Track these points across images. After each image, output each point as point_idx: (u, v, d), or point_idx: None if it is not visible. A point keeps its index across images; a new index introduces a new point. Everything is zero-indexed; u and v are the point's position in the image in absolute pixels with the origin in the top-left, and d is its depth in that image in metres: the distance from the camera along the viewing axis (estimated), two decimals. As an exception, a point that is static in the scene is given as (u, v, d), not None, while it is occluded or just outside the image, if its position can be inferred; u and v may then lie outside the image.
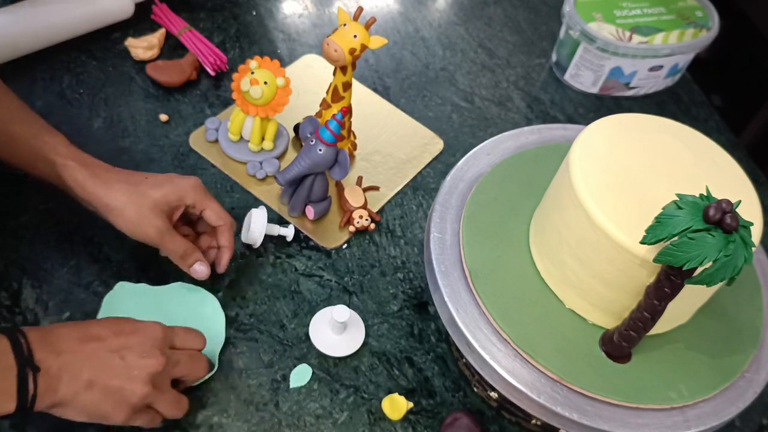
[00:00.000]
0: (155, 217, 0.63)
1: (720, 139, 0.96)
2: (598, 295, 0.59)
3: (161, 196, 0.64)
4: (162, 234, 0.64)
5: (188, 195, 0.66)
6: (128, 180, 0.64)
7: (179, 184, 0.66)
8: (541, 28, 1.07)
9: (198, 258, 0.67)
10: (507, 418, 0.67)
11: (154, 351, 0.57)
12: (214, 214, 0.68)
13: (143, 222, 0.63)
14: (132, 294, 0.69)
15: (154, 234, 0.64)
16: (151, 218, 0.63)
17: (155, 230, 0.64)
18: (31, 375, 0.51)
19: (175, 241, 0.65)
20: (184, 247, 0.66)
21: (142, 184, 0.64)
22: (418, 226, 0.80)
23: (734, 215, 0.49)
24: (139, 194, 0.63)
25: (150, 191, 0.64)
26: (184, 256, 0.66)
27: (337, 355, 0.67)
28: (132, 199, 0.63)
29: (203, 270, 0.67)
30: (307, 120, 0.73)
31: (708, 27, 0.96)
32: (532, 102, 0.96)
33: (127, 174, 0.66)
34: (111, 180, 0.64)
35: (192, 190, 0.66)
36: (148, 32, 0.92)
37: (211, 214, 0.68)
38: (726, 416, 0.59)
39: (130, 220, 0.63)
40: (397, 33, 1.02)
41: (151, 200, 0.63)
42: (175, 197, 0.65)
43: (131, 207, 0.63)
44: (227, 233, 0.69)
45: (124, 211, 0.63)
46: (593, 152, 0.59)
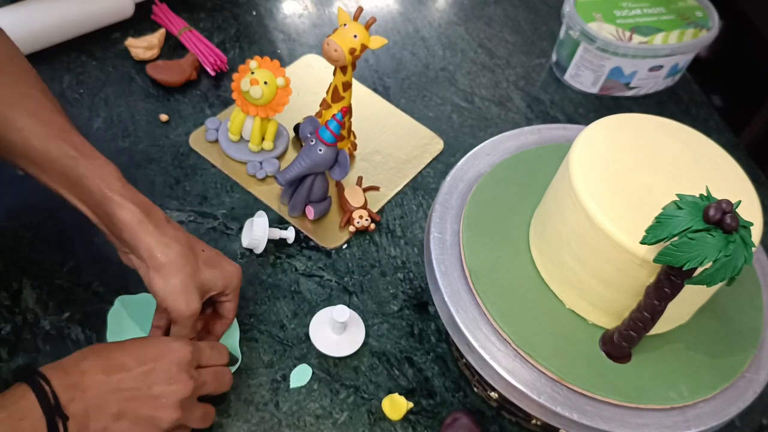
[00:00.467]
0: (196, 296, 0.58)
1: (720, 139, 0.96)
2: (598, 295, 0.59)
3: (210, 279, 0.60)
4: (192, 316, 0.59)
5: (231, 286, 0.62)
6: (188, 245, 0.59)
7: (229, 273, 0.62)
8: (541, 28, 1.07)
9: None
10: (507, 418, 0.67)
11: (181, 375, 0.55)
12: (232, 309, 0.65)
13: (184, 296, 0.58)
14: (134, 306, 0.68)
15: (186, 312, 0.58)
16: (191, 295, 0.58)
17: (189, 310, 0.58)
18: (61, 424, 0.50)
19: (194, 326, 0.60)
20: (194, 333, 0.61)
21: (198, 256, 0.60)
22: (418, 226, 0.80)
23: (734, 215, 0.49)
24: (193, 266, 0.58)
25: (203, 268, 0.59)
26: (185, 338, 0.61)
27: (337, 355, 0.67)
28: (185, 269, 0.58)
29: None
30: (307, 120, 0.73)
31: (708, 27, 0.96)
32: (532, 102, 0.96)
33: (186, 236, 0.60)
34: (171, 236, 0.58)
35: (237, 282, 0.63)
36: (148, 32, 0.92)
37: (231, 308, 0.64)
38: (726, 416, 0.59)
39: (172, 288, 0.57)
40: (397, 33, 1.02)
41: (200, 279, 0.59)
42: (221, 285, 0.61)
43: (181, 276, 0.57)
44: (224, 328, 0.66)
45: (172, 277, 0.57)
46: (593, 152, 0.59)
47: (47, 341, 0.65)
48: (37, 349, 0.65)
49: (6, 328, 0.66)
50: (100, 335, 0.66)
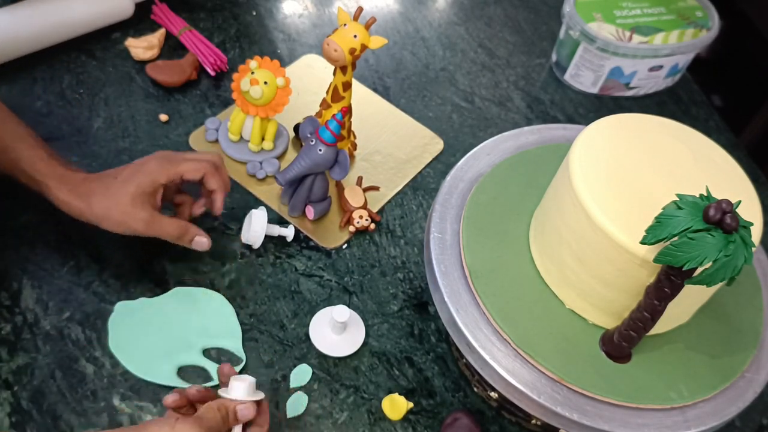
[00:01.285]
0: (138, 210, 0.64)
1: (720, 139, 0.96)
2: (598, 295, 0.59)
3: (135, 189, 0.64)
4: (150, 224, 0.65)
5: (159, 175, 0.66)
6: (102, 185, 0.65)
7: (145, 170, 0.65)
8: (541, 28, 1.07)
9: (195, 232, 0.68)
10: (507, 418, 0.67)
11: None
12: (190, 171, 0.67)
13: (129, 220, 0.64)
14: (134, 311, 0.68)
15: (142, 227, 0.65)
16: (134, 214, 0.64)
17: (143, 223, 0.65)
18: None
19: (165, 225, 0.66)
20: (178, 228, 0.67)
21: (113, 185, 0.65)
22: (418, 226, 0.80)
23: (734, 215, 0.49)
24: (115, 195, 0.64)
25: (123, 188, 0.64)
26: (180, 237, 0.67)
27: (337, 355, 0.67)
28: (111, 204, 0.64)
29: (204, 241, 0.68)
30: (307, 120, 0.73)
31: (708, 27, 0.96)
32: (532, 102, 0.96)
33: (99, 180, 0.66)
34: (88, 192, 0.65)
35: (158, 168, 0.66)
36: (148, 32, 0.92)
37: (188, 172, 0.67)
38: (726, 416, 0.59)
39: (117, 223, 0.65)
40: (397, 33, 1.02)
41: (128, 197, 0.64)
42: (148, 184, 0.65)
43: (114, 211, 0.64)
44: (212, 177, 0.68)
45: (110, 217, 0.64)
46: (593, 152, 0.59)
47: (47, 341, 0.65)
48: (37, 349, 0.65)
49: (6, 328, 0.66)
50: (100, 335, 0.67)
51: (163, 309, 0.69)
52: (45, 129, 0.80)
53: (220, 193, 0.69)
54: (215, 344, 0.67)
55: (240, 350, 0.67)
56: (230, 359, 0.67)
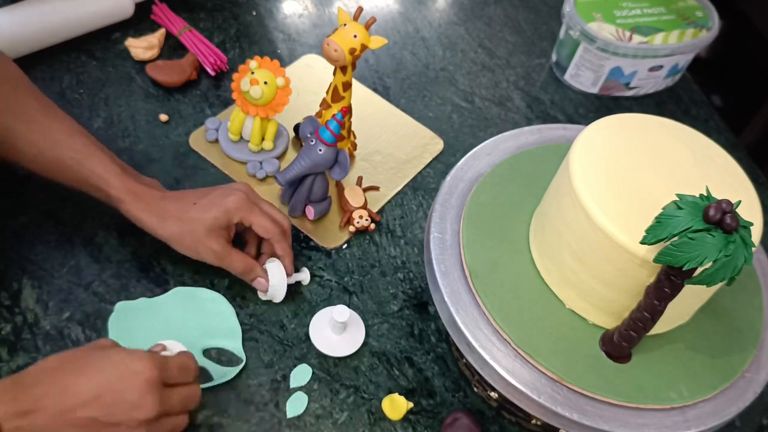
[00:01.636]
0: (211, 241, 0.66)
1: (720, 139, 0.96)
2: (598, 295, 0.59)
3: (212, 222, 0.65)
4: (220, 257, 0.66)
5: (234, 215, 0.66)
6: (179, 209, 0.66)
7: (224, 205, 0.66)
8: (541, 28, 1.07)
9: (258, 274, 0.68)
10: (507, 418, 0.67)
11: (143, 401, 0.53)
12: (261, 228, 0.68)
13: (201, 249, 0.66)
14: (134, 311, 0.68)
15: (213, 258, 0.66)
16: (207, 243, 0.66)
17: (213, 255, 0.66)
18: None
19: (234, 260, 0.67)
20: (243, 266, 0.67)
21: (190, 211, 0.66)
22: (418, 226, 0.80)
23: (734, 215, 0.49)
24: (191, 222, 0.65)
25: (200, 218, 0.65)
26: (244, 273, 0.68)
27: (337, 355, 0.67)
28: (185, 229, 0.65)
29: (264, 283, 0.68)
30: (307, 120, 0.73)
31: (708, 27, 0.96)
32: (532, 102, 0.96)
33: (177, 201, 0.67)
34: (163, 213, 0.66)
35: (236, 209, 0.66)
36: (148, 32, 0.92)
37: (258, 228, 0.68)
38: (726, 416, 0.59)
39: (188, 248, 0.66)
40: (397, 33, 1.02)
41: (203, 227, 0.65)
42: (225, 219, 0.66)
43: (187, 237, 0.66)
44: (279, 243, 0.68)
45: (182, 241, 0.66)
46: (593, 152, 0.59)
47: (47, 341, 0.65)
48: (37, 349, 0.65)
49: (6, 328, 0.66)
50: (100, 335, 0.66)
51: (163, 309, 0.69)
52: (45, 129, 0.80)
53: (287, 259, 0.69)
54: (216, 344, 0.67)
55: (240, 350, 0.67)
56: (230, 359, 0.67)
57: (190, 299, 0.70)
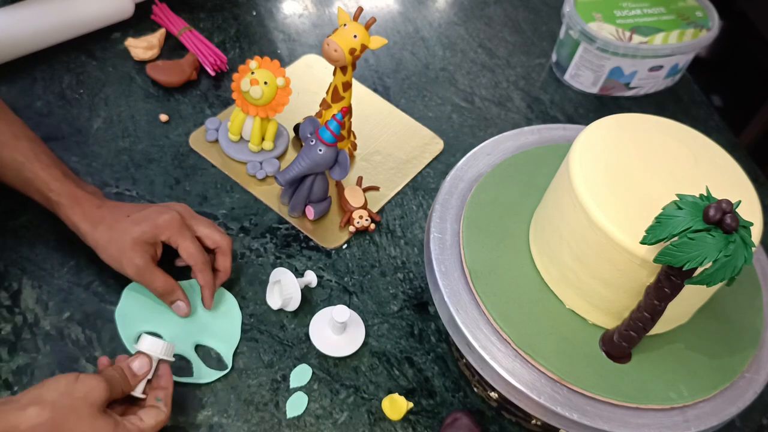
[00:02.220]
0: (135, 255, 0.64)
1: (720, 139, 0.95)
2: (598, 295, 0.59)
3: (139, 235, 0.65)
4: (141, 272, 0.65)
5: (163, 232, 0.66)
6: (112, 218, 0.66)
7: (155, 221, 0.65)
8: (541, 28, 1.07)
9: (179, 297, 0.67)
10: (507, 418, 0.67)
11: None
12: (184, 252, 0.67)
13: (123, 260, 0.65)
14: (142, 300, 0.69)
15: (133, 272, 0.65)
16: (130, 256, 0.64)
17: (134, 269, 0.65)
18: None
19: (155, 279, 0.66)
20: (164, 286, 0.66)
21: (122, 222, 0.66)
22: (418, 226, 0.80)
23: (734, 215, 0.49)
24: (120, 232, 0.65)
25: (130, 229, 0.65)
26: (163, 294, 0.67)
27: (337, 355, 0.67)
28: (113, 237, 0.65)
29: (183, 307, 0.67)
30: (307, 120, 0.73)
31: (708, 27, 0.96)
32: (532, 102, 0.96)
33: (112, 211, 0.67)
34: (97, 219, 0.66)
35: (167, 226, 0.66)
36: (148, 32, 0.92)
37: (182, 251, 0.67)
38: (726, 416, 0.59)
39: (112, 258, 0.65)
40: (397, 33, 1.02)
41: (129, 239, 0.65)
42: (151, 234, 0.65)
43: (113, 246, 0.65)
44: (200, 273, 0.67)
45: (108, 249, 0.65)
46: (593, 152, 0.59)
47: (47, 341, 0.65)
48: (37, 349, 0.65)
49: (6, 328, 0.66)
50: (100, 335, 0.67)
51: None
52: (45, 129, 0.80)
53: (206, 290, 0.68)
54: (209, 343, 0.67)
55: (229, 358, 0.67)
56: (217, 363, 0.66)
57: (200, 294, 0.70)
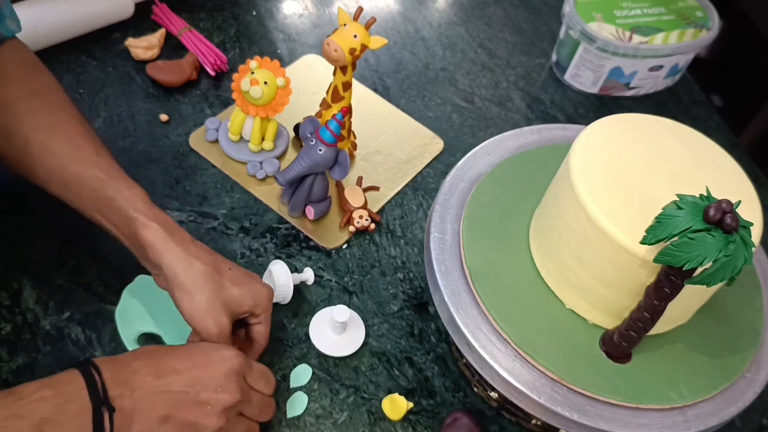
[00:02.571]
0: (223, 314, 0.59)
1: (720, 139, 0.95)
2: (598, 295, 0.59)
3: (238, 296, 0.60)
4: (222, 334, 0.59)
5: (261, 305, 0.62)
6: (212, 263, 0.60)
7: (258, 291, 0.61)
8: (541, 28, 1.07)
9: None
10: (507, 418, 0.67)
11: (229, 384, 0.54)
12: (264, 333, 0.64)
13: (210, 315, 0.58)
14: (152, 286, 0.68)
15: (214, 331, 0.58)
16: (219, 314, 0.58)
17: (218, 328, 0.58)
18: (107, 415, 0.50)
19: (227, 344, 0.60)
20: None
21: (224, 274, 0.60)
22: (418, 226, 0.80)
23: (734, 215, 0.49)
24: (218, 285, 0.59)
25: (229, 286, 0.59)
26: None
27: (337, 355, 0.67)
28: (208, 287, 0.58)
29: None
30: (307, 120, 0.73)
31: (708, 27, 0.96)
32: (532, 102, 0.96)
33: (211, 255, 0.61)
34: (193, 255, 0.59)
35: (267, 302, 0.62)
36: (148, 32, 0.92)
37: (263, 331, 0.63)
38: (726, 416, 0.59)
39: (197, 308, 0.58)
40: (397, 33, 1.02)
41: (226, 296, 0.59)
42: (250, 303, 0.61)
43: (205, 294, 0.58)
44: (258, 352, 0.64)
45: (196, 297, 0.58)
46: (593, 152, 0.59)
47: (47, 341, 0.65)
48: (37, 349, 0.65)
49: (6, 328, 0.66)
50: (100, 335, 0.66)
51: None
52: (45, 129, 0.80)
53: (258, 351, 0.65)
54: None
55: None
56: None
57: None
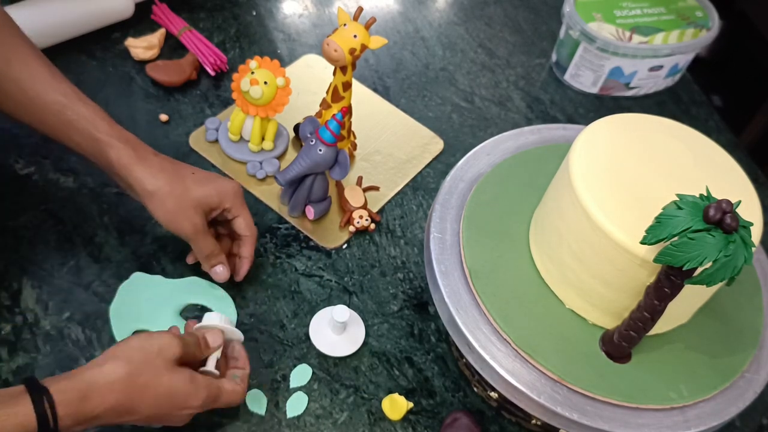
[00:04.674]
0: (194, 213, 0.64)
1: (720, 139, 0.96)
2: (598, 295, 0.59)
3: (203, 195, 0.64)
4: (197, 231, 0.64)
5: (228, 199, 0.66)
6: (174, 171, 0.64)
7: (222, 187, 0.66)
8: (541, 28, 1.07)
9: (221, 261, 0.68)
10: (507, 418, 0.67)
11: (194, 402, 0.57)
12: (244, 223, 0.68)
13: (181, 216, 0.63)
14: (147, 284, 0.69)
15: (189, 230, 0.64)
16: (190, 214, 0.63)
17: (192, 226, 0.64)
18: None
19: (207, 240, 0.66)
20: (212, 248, 0.67)
21: (187, 178, 0.64)
22: (418, 226, 0.80)
23: (734, 215, 0.49)
24: (183, 188, 0.63)
25: (194, 187, 0.64)
26: (209, 256, 0.67)
27: (337, 355, 0.67)
28: (175, 192, 0.63)
29: (223, 272, 0.68)
30: (307, 120, 0.73)
31: (708, 27, 0.97)
32: (532, 102, 0.96)
33: (173, 163, 0.65)
34: (157, 167, 0.63)
35: (233, 195, 0.66)
36: (148, 32, 0.92)
37: (242, 222, 0.68)
38: (726, 416, 0.59)
39: (168, 211, 0.63)
40: (397, 33, 1.02)
41: (193, 196, 0.63)
42: (216, 199, 0.65)
43: (172, 199, 0.63)
44: (250, 245, 0.69)
45: (165, 202, 0.63)
46: (593, 152, 0.59)
47: (47, 341, 0.65)
48: (37, 349, 0.65)
49: (6, 328, 0.66)
50: (100, 335, 0.66)
51: (174, 291, 0.69)
52: (45, 129, 0.80)
53: (248, 262, 0.69)
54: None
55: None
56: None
57: (202, 291, 0.70)
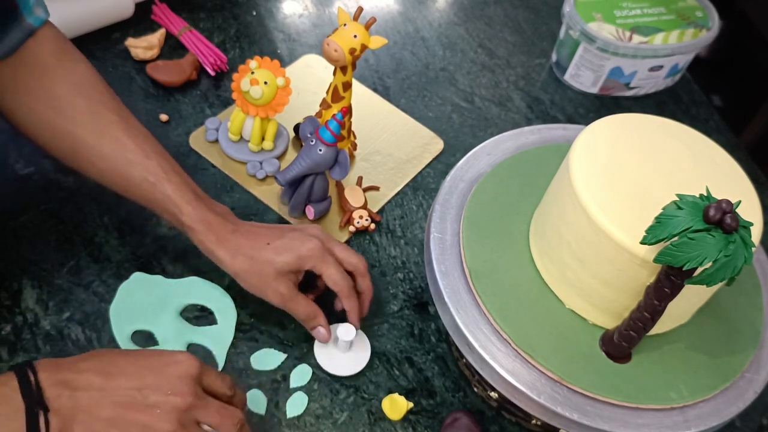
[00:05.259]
0: (279, 284, 0.65)
1: (720, 139, 0.95)
2: (598, 295, 0.59)
3: (282, 266, 0.65)
4: (285, 300, 0.65)
5: (309, 262, 0.65)
6: (251, 246, 0.65)
7: (300, 251, 0.65)
8: (541, 28, 1.07)
9: (320, 323, 0.67)
10: (507, 418, 0.67)
11: (181, 387, 0.53)
12: (330, 280, 0.66)
13: (267, 289, 0.65)
14: (147, 284, 0.69)
15: (278, 301, 0.65)
16: (274, 286, 0.65)
17: (279, 297, 0.65)
18: (42, 415, 0.49)
19: (299, 305, 0.66)
20: (307, 311, 0.66)
21: (263, 251, 0.65)
22: (418, 226, 0.80)
23: (734, 215, 0.49)
24: (263, 262, 0.64)
25: (273, 258, 0.65)
26: (306, 320, 0.67)
27: (342, 374, 0.67)
28: (255, 269, 0.65)
29: (324, 335, 0.67)
30: (307, 120, 0.73)
31: (708, 27, 0.97)
32: (532, 102, 0.96)
33: (249, 238, 0.66)
34: (234, 248, 0.65)
35: (309, 256, 0.65)
36: (148, 32, 0.92)
37: (328, 279, 0.66)
38: (726, 416, 0.59)
39: (254, 287, 0.65)
40: (397, 33, 1.02)
41: (273, 269, 0.64)
42: (296, 264, 0.65)
43: (255, 276, 0.65)
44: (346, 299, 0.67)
45: (249, 280, 0.65)
46: (593, 152, 0.59)
47: (47, 341, 0.65)
48: (37, 349, 0.65)
49: (6, 328, 0.66)
50: (100, 335, 0.66)
51: (174, 291, 0.69)
52: (45, 129, 0.80)
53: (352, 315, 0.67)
54: (201, 342, 0.67)
55: (222, 357, 0.67)
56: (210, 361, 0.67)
57: (202, 291, 0.70)
